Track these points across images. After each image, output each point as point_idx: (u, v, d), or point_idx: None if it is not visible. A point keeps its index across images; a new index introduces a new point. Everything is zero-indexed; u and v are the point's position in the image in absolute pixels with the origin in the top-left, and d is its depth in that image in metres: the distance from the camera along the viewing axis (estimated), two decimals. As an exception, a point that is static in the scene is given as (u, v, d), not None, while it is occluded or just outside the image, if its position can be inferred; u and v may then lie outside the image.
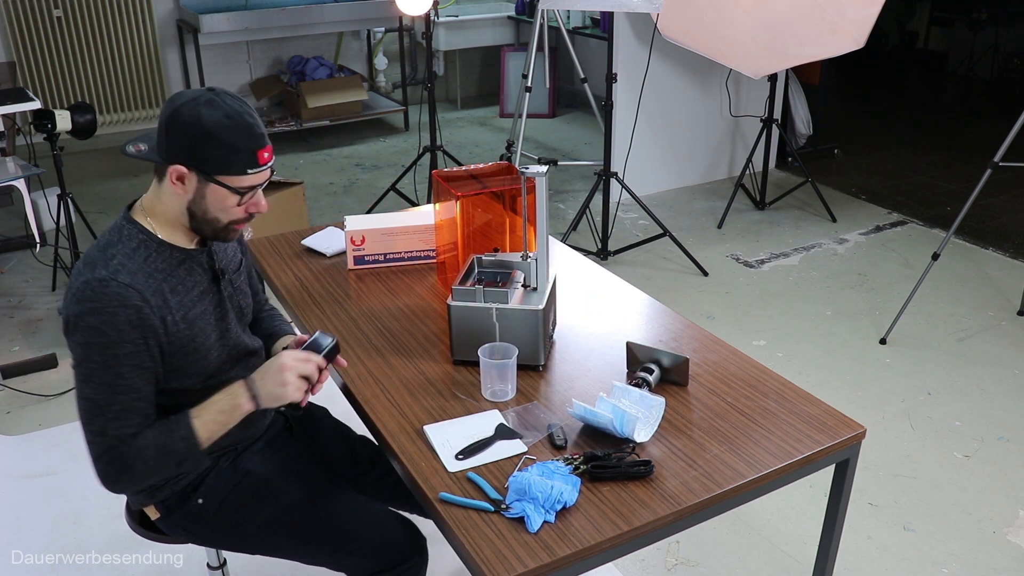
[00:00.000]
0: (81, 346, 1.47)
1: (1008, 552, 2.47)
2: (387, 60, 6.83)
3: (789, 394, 1.77)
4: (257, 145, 1.51)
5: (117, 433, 1.49)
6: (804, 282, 4.12)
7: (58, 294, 3.94)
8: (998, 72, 7.78)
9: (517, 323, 1.80)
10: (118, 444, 1.49)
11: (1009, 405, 3.15)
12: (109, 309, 1.45)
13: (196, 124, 1.46)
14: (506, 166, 2.20)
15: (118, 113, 5.96)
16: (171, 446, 1.53)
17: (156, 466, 1.53)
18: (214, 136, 1.47)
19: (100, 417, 1.49)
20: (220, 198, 1.53)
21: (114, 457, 1.50)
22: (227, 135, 1.47)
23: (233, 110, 1.49)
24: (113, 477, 1.51)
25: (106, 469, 1.51)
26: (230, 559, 2.07)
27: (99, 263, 1.49)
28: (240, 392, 1.57)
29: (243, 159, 1.50)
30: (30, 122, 3.59)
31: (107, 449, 1.49)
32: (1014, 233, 4.66)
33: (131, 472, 1.51)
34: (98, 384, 1.48)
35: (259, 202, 1.59)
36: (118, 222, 1.58)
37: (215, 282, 1.65)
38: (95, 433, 1.50)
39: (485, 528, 1.41)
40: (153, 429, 1.53)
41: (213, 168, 1.49)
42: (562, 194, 5.22)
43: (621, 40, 4.65)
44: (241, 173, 1.51)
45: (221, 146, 1.48)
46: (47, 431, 3.00)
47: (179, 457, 1.55)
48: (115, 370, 1.47)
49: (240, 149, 1.49)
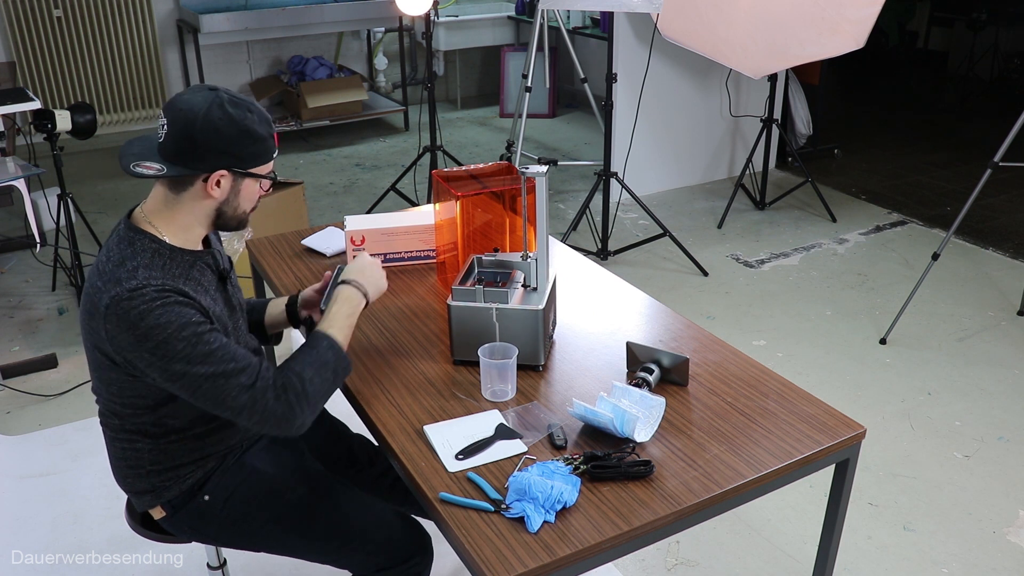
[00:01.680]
0: (158, 349, 1.44)
1: (1008, 552, 2.47)
2: (387, 60, 6.83)
3: (789, 394, 1.77)
4: (272, 130, 1.58)
5: (254, 377, 1.49)
6: (804, 282, 4.12)
7: (58, 294, 3.94)
8: (998, 72, 7.78)
9: (517, 323, 1.80)
10: (268, 380, 1.51)
11: (1009, 405, 3.15)
12: (157, 304, 1.44)
13: (232, 125, 1.49)
14: (506, 166, 2.20)
15: (118, 113, 5.96)
16: (323, 359, 1.58)
17: (320, 382, 1.56)
18: (249, 132, 1.51)
19: (230, 379, 1.47)
20: (253, 190, 1.58)
21: (278, 394, 1.50)
22: (258, 128, 1.52)
23: (250, 103, 1.54)
24: (292, 411, 1.52)
25: (280, 410, 1.50)
26: (230, 559, 2.07)
27: (123, 278, 1.46)
28: (354, 295, 1.71)
29: (270, 145, 1.57)
30: (30, 122, 3.59)
31: (263, 394, 1.49)
32: (1014, 233, 4.66)
33: (305, 394, 1.53)
34: (200, 359, 1.45)
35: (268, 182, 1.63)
36: (123, 235, 1.54)
37: (222, 281, 1.66)
38: (239, 395, 1.48)
39: (485, 528, 1.41)
40: (294, 357, 1.57)
41: (251, 163, 1.54)
42: (562, 194, 5.22)
43: (621, 40, 4.65)
44: (268, 160, 1.57)
45: (255, 140, 1.52)
46: (47, 431, 3.00)
47: (333, 367, 1.59)
48: (203, 339, 1.46)
49: (267, 137, 1.55)
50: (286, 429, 1.53)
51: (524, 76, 4.50)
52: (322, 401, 1.59)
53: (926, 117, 7.01)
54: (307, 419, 1.55)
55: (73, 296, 3.90)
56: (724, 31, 4.19)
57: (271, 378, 1.52)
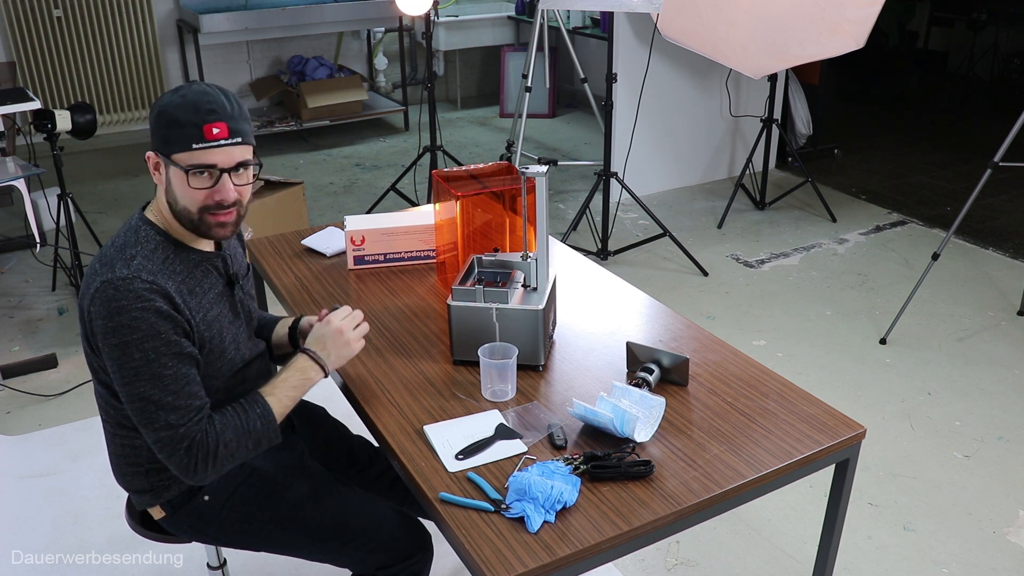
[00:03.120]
0: (117, 348, 1.45)
1: (1008, 552, 2.47)
2: (387, 60, 6.83)
3: (789, 394, 1.77)
4: (203, 119, 1.47)
5: (183, 422, 1.48)
6: (804, 282, 4.12)
7: (58, 294, 3.94)
8: (998, 72, 7.78)
9: (517, 323, 1.80)
10: (191, 432, 1.48)
11: (1009, 405, 3.15)
12: (138, 305, 1.44)
13: (157, 106, 1.49)
14: (506, 166, 2.20)
15: (118, 113, 5.96)
16: (249, 426, 1.54)
17: (237, 448, 1.54)
18: (165, 114, 1.48)
19: (161, 411, 1.47)
20: (180, 181, 1.51)
21: (191, 446, 1.48)
22: (175, 111, 1.48)
23: (192, 91, 1.49)
24: (196, 466, 1.50)
25: (185, 461, 1.49)
26: (230, 559, 2.07)
27: (118, 262, 1.48)
28: (308, 368, 1.63)
29: (188, 133, 1.47)
30: (30, 122, 3.59)
31: (180, 439, 1.48)
32: (1014, 233, 4.66)
33: (215, 457, 1.51)
34: (146, 380, 1.46)
35: (221, 188, 1.52)
36: (133, 222, 1.57)
37: (229, 287, 1.66)
38: (160, 429, 1.48)
39: (485, 528, 1.41)
40: (226, 414, 1.54)
41: (167, 146, 1.49)
42: (562, 194, 5.22)
43: (621, 40, 4.65)
44: (187, 148, 1.47)
45: (170, 123, 1.48)
46: (47, 431, 3.00)
47: (257, 436, 1.56)
48: (158, 362, 1.46)
49: (184, 123, 1.47)
50: (183, 476, 1.52)
51: (524, 76, 4.50)
52: (231, 465, 1.57)
53: (926, 117, 7.01)
54: (207, 479, 1.54)
55: (73, 296, 3.90)
56: (724, 31, 4.19)
57: (197, 431, 1.49)
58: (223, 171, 1.51)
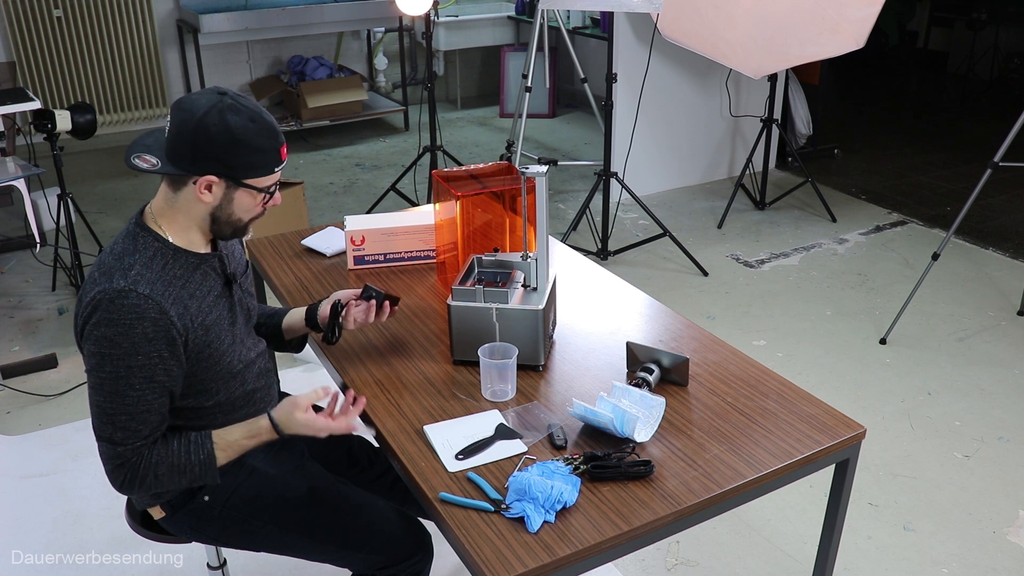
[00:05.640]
0: (95, 355, 1.48)
1: (1008, 552, 2.47)
2: (387, 60, 6.83)
3: (789, 394, 1.77)
4: (280, 143, 1.54)
5: (125, 443, 1.50)
6: (804, 282, 4.12)
7: (58, 294, 3.94)
8: (998, 72, 7.78)
9: (517, 323, 1.80)
10: (126, 454, 1.51)
11: (1009, 405, 3.15)
12: (126, 321, 1.45)
13: (226, 132, 1.47)
14: (506, 166, 2.20)
15: (118, 113, 5.96)
16: (186, 467, 1.56)
17: (168, 481, 1.57)
18: (245, 142, 1.48)
19: (109, 425, 1.50)
20: (247, 200, 1.55)
21: (121, 465, 1.52)
22: (256, 139, 1.49)
23: (255, 112, 1.51)
24: (121, 483, 1.54)
25: (114, 474, 1.53)
26: (230, 559, 2.07)
27: (117, 272, 1.48)
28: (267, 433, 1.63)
29: (270, 159, 1.53)
30: (30, 122, 3.59)
31: (115, 456, 1.52)
32: (1014, 233, 4.66)
33: (140, 482, 1.54)
34: (108, 393, 1.48)
35: (277, 197, 1.60)
36: (131, 229, 1.57)
37: (227, 286, 1.66)
38: (104, 440, 1.51)
39: (485, 528, 1.41)
40: (170, 447, 1.55)
41: (244, 173, 1.52)
42: (562, 194, 5.22)
43: (621, 40, 4.65)
44: (269, 173, 1.54)
45: (253, 151, 1.50)
46: (47, 431, 3.00)
47: (192, 477, 1.58)
48: (126, 381, 1.47)
49: (267, 150, 1.52)
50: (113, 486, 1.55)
51: (524, 76, 4.50)
52: (159, 490, 1.61)
53: (926, 117, 7.01)
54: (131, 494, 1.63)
55: (73, 296, 3.90)
56: (724, 31, 4.19)
57: (133, 455, 1.51)
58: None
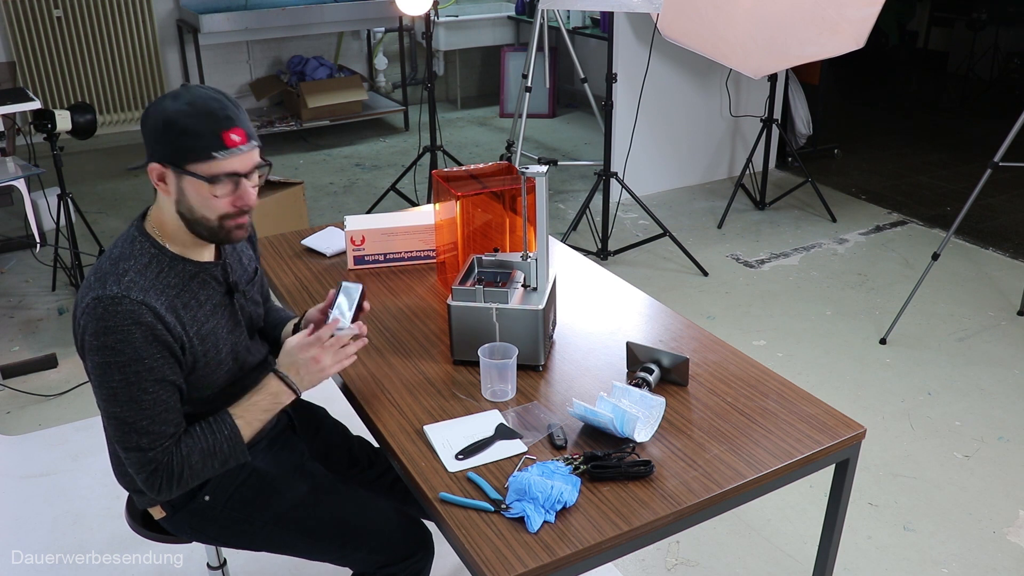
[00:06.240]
0: (100, 366, 1.45)
1: (1008, 552, 2.47)
2: (387, 60, 6.83)
3: (789, 394, 1.77)
4: (220, 127, 1.45)
5: (154, 447, 1.49)
6: (804, 282, 4.12)
7: (58, 294, 3.94)
8: (998, 72, 7.78)
9: (517, 323, 1.80)
10: (158, 457, 1.49)
11: (1009, 405, 3.15)
12: (124, 327, 1.43)
13: (160, 116, 1.45)
14: (506, 166, 2.20)
15: (118, 113, 5.96)
16: (215, 448, 1.55)
17: (202, 469, 1.55)
18: (175, 123, 1.44)
19: (134, 434, 1.48)
20: (198, 191, 1.48)
21: (157, 469, 1.50)
22: (187, 120, 1.44)
23: (197, 96, 1.45)
24: (159, 488, 1.52)
25: (150, 480, 1.51)
26: (230, 559, 2.07)
27: (111, 278, 1.46)
28: (280, 392, 1.60)
29: (206, 143, 1.44)
30: (30, 122, 3.59)
31: (147, 463, 1.49)
32: (1014, 233, 4.66)
33: (178, 479, 1.52)
34: (124, 402, 1.46)
35: (243, 194, 1.51)
36: (130, 233, 1.55)
37: (229, 295, 1.64)
38: (131, 450, 1.49)
39: (485, 528, 1.41)
40: (193, 435, 1.54)
41: (180, 157, 1.45)
42: (562, 194, 5.22)
43: (621, 40, 4.65)
44: (207, 158, 1.45)
45: (183, 132, 1.44)
46: (47, 431, 3.00)
47: (224, 457, 1.56)
48: (138, 386, 1.46)
49: (202, 133, 1.44)
50: (147, 491, 1.54)
51: (524, 76, 4.50)
52: (196, 483, 1.58)
53: (926, 117, 7.01)
54: (171, 496, 1.56)
55: (73, 296, 3.90)
56: (724, 31, 4.19)
57: (164, 456, 1.50)
58: (243, 176, 1.50)
